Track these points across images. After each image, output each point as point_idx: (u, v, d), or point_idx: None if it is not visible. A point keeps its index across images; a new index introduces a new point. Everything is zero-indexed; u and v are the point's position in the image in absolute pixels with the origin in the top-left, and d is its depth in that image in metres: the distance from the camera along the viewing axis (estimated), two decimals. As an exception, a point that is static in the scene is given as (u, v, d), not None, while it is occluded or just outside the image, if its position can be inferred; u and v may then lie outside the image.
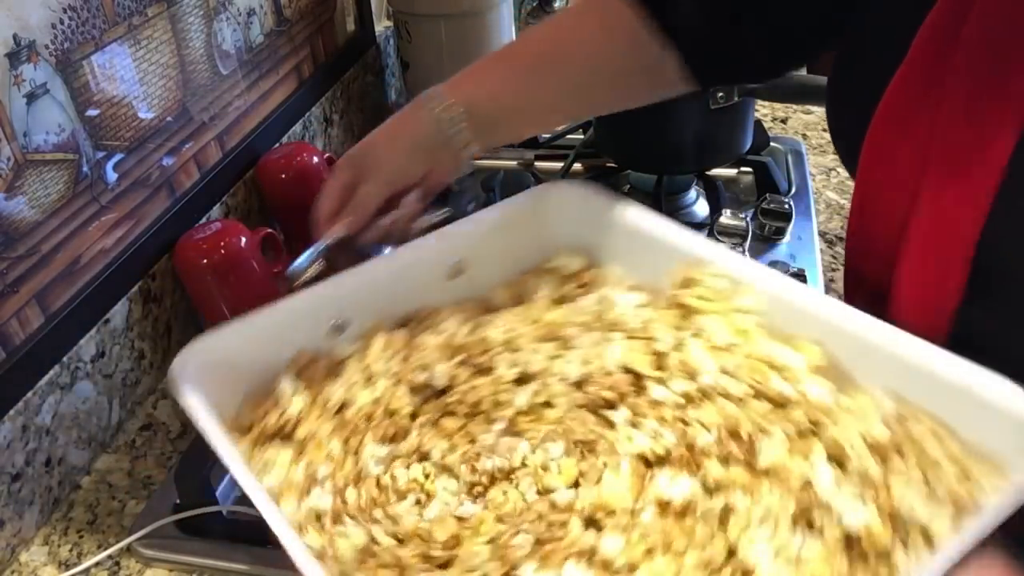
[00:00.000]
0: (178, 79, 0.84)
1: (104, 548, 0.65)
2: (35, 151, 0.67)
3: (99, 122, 0.73)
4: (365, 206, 0.61)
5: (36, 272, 0.67)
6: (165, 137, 0.82)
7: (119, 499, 0.70)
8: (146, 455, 0.74)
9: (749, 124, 1.01)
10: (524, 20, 1.63)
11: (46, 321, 0.68)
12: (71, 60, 0.70)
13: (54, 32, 0.68)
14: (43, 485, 0.67)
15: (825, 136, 1.16)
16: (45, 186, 0.68)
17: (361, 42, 1.25)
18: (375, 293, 0.58)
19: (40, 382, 0.67)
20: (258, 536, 0.63)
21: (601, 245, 0.62)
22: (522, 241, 0.63)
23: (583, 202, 0.63)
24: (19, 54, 0.64)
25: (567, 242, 0.63)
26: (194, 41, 0.86)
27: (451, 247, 0.61)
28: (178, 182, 0.84)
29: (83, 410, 0.71)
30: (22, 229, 0.66)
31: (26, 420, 0.65)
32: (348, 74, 1.20)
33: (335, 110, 1.16)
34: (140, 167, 0.79)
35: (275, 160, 0.95)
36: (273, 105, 1.01)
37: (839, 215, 0.99)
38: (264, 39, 0.99)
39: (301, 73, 1.08)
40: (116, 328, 0.75)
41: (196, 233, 0.81)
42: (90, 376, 0.72)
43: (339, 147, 1.18)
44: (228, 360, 0.53)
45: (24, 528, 0.66)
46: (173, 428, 0.76)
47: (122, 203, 0.77)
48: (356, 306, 0.57)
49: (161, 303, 0.81)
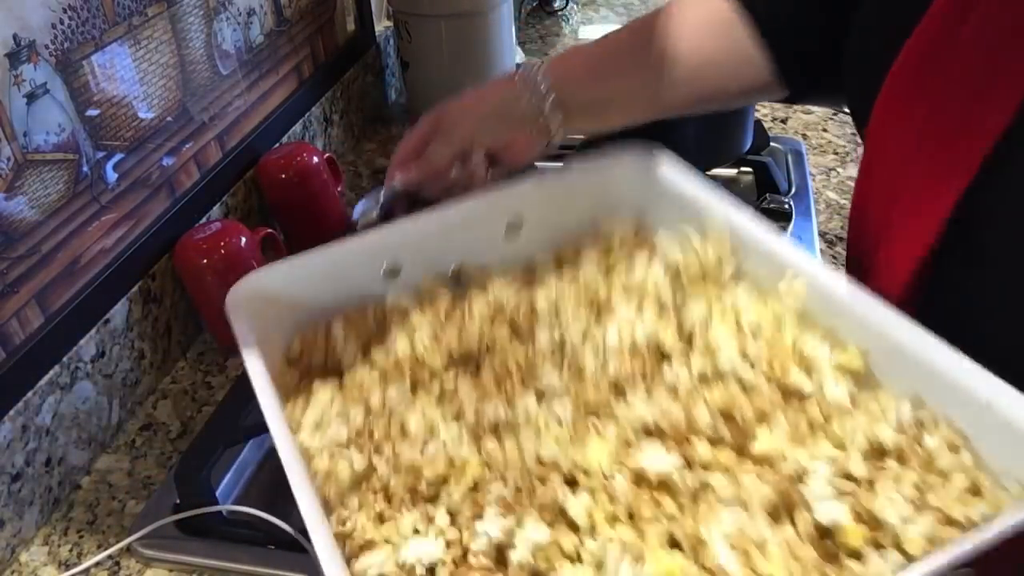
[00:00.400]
0: (178, 79, 0.84)
1: (104, 548, 0.65)
2: (35, 151, 0.67)
3: (99, 122, 0.73)
4: (432, 163, 0.62)
5: (36, 272, 0.67)
6: (165, 137, 0.82)
7: (119, 499, 0.70)
8: (146, 455, 0.74)
9: (749, 124, 1.00)
10: (524, 20, 1.63)
11: (46, 321, 0.68)
12: (71, 60, 0.70)
13: (54, 32, 0.68)
14: (43, 485, 0.67)
15: (825, 136, 1.16)
16: (45, 186, 0.68)
17: (361, 42, 1.25)
18: (430, 243, 0.60)
19: (40, 382, 0.67)
20: (258, 536, 0.63)
21: (655, 214, 0.62)
22: (580, 205, 0.63)
23: (643, 170, 0.63)
24: (19, 54, 0.64)
25: (623, 209, 0.63)
26: (194, 41, 0.86)
27: (508, 205, 0.62)
28: (178, 182, 0.84)
29: (83, 410, 0.71)
30: (22, 229, 0.66)
31: (26, 420, 0.65)
32: (348, 74, 1.20)
33: (335, 110, 1.16)
34: (140, 167, 0.79)
35: (275, 160, 0.95)
36: (273, 105, 1.01)
37: (839, 215, 0.99)
38: (264, 39, 0.99)
39: (301, 73, 1.08)
40: (116, 328, 0.75)
41: (196, 233, 0.81)
42: (90, 376, 0.72)
43: (339, 147, 1.18)
44: (282, 294, 0.55)
45: (24, 528, 0.66)
46: (173, 428, 0.76)
47: (122, 203, 0.77)
48: (410, 254, 0.59)
49: (161, 303, 0.81)
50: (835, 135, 1.16)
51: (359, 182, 1.14)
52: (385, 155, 1.20)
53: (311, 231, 0.96)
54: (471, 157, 0.63)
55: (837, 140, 1.15)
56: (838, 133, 1.16)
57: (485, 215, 0.61)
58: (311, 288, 0.56)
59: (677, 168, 0.62)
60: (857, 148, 1.12)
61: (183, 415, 0.78)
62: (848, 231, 0.59)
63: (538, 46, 1.54)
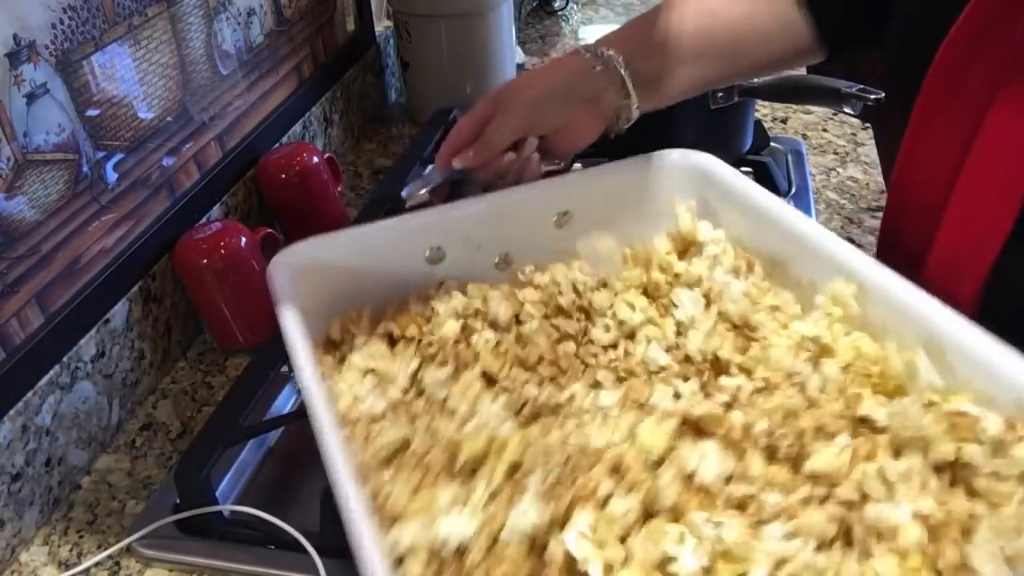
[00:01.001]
0: (178, 79, 0.84)
1: (104, 548, 0.65)
2: (35, 151, 0.67)
3: (99, 122, 0.73)
4: (491, 144, 0.61)
5: (36, 272, 0.67)
6: (165, 137, 0.82)
7: (119, 499, 0.70)
8: (146, 455, 0.74)
9: (749, 124, 1.00)
10: (524, 20, 1.63)
11: (46, 321, 0.68)
12: (71, 60, 0.70)
13: (54, 32, 0.68)
14: (43, 485, 0.67)
15: (825, 136, 1.16)
16: (45, 186, 0.68)
17: (361, 42, 1.25)
18: (478, 229, 0.59)
19: (40, 382, 0.67)
20: (258, 536, 0.63)
21: (708, 215, 0.62)
22: (631, 201, 0.63)
23: (696, 171, 0.63)
24: (19, 54, 0.64)
25: (675, 208, 0.63)
26: (194, 41, 0.86)
27: (559, 197, 0.61)
28: (178, 182, 0.84)
29: (83, 410, 0.71)
30: (22, 229, 0.66)
31: (26, 420, 0.65)
32: (348, 74, 1.20)
33: (335, 110, 1.16)
34: (140, 167, 0.79)
35: (275, 160, 0.95)
36: (273, 105, 1.01)
37: (839, 215, 0.99)
38: (264, 39, 0.99)
39: (301, 73, 1.08)
40: (116, 328, 0.75)
41: (196, 233, 0.81)
42: (90, 376, 0.72)
43: (339, 147, 1.18)
44: (323, 266, 0.55)
45: (24, 528, 0.66)
46: (173, 428, 0.76)
47: (122, 203, 0.77)
48: (457, 238, 0.58)
49: (161, 303, 0.81)
50: (835, 135, 1.16)
51: (359, 182, 1.14)
52: (385, 155, 1.20)
53: (311, 231, 0.96)
54: (525, 145, 0.61)
55: (837, 140, 1.15)
56: (838, 133, 1.16)
57: (536, 205, 0.61)
58: (354, 264, 0.56)
59: (726, 168, 0.62)
60: (857, 148, 1.12)
61: (183, 415, 0.78)
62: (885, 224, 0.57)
63: (538, 46, 1.54)
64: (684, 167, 0.63)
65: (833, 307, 0.52)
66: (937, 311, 0.47)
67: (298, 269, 0.54)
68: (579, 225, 0.62)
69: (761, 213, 0.58)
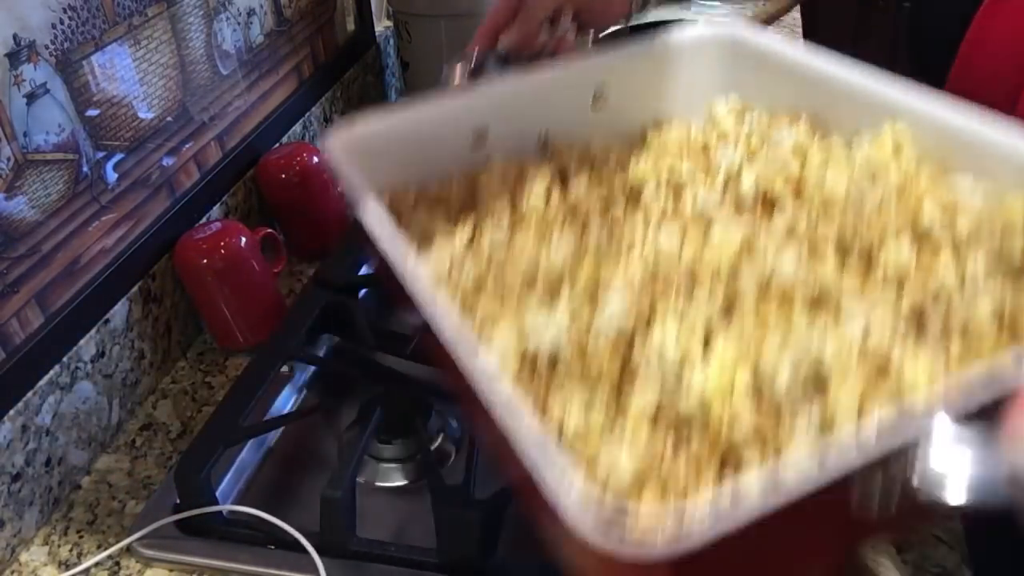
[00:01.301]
0: (178, 79, 0.84)
1: (104, 548, 0.65)
2: (35, 151, 0.67)
3: (99, 122, 0.73)
4: (532, 16, 0.61)
5: (36, 272, 0.67)
6: (165, 137, 0.82)
7: (119, 499, 0.70)
8: (146, 455, 0.74)
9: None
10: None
11: (46, 321, 0.68)
12: (71, 60, 0.70)
13: (54, 32, 0.68)
14: (43, 485, 0.67)
15: (825, 136, 1.16)
16: (45, 186, 0.68)
17: (361, 42, 1.25)
18: (518, 108, 0.59)
19: (40, 382, 0.67)
20: (258, 536, 0.63)
21: (752, 84, 0.61)
22: (668, 77, 0.63)
23: (732, 43, 0.62)
24: (19, 54, 0.64)
25: (716, 82, 0.62)
26: (194, 41, 0.86)
27: (596, 74, 0.61)
28: (178, 182, 0.84)
29: (83, 410, 0.71)
30: (22, 229, 0.66)
31: (26, 420, 0.65)
32: (348, 74, 1.20)
33: (335, 110, 1.16)
34: (140, 167, 0.79)
35: (275, 160, 0.95)
36: (273, 105, 1.02)
37: (839, 215, 0.99)
38: (264, 39, 0.99)
39: (301, 73, 1.08)
40: (116, 328, 0.75)
41: (196, 233, 0.81)
42: (90, 376, 0.72)
43: (339, 147, 1.18)
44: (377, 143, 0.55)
45: (24, 528, 0.66)
46: (173, 428, 0.76)
47: (122, 203, 0.77)
48: (497, 118, 0.58)
49: (161, 303, 0.81)
50: (835, 135, 1.16)
51: (359, 182, 1.14)
52: (385, 155, 1.20)
53: (311, 231, 0.97)
54: (560, 20, 0.62)
55: (837, 140, 1.15)
56: (838, 133, 1.16)
57: (574, 82, 0.60)
58: (403, 143, 0.56)
59: (771, 39, 0.61)
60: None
61: (183, 415, 0.78)
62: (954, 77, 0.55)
63: (538, 46, 1.54)
64: (718, 40, 0.63)
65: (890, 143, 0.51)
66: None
67: (353, 143, 0.54)
68: (616, 102, 0.62)
69: (801, 73, 0.57)
